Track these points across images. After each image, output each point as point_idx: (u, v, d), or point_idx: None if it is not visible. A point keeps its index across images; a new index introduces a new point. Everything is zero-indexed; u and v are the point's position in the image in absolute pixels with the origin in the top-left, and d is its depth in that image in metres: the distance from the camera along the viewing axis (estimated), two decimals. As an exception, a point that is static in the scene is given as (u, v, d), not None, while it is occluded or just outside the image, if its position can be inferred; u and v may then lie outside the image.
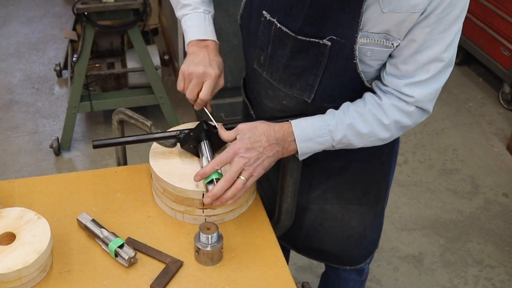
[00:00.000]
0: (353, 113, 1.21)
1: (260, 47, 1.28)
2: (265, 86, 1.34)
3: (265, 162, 1.18)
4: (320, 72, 1.22)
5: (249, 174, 1.17)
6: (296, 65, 1.23)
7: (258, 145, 1.18)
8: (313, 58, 1.20)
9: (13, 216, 1.17)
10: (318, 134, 1.21)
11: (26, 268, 1.08)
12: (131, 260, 1.16)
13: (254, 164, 1.17)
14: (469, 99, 3.52)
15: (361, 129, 1.21)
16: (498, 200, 2.78)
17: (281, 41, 1.22)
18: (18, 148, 3.02)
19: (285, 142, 1.21)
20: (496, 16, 3.34)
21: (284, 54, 1.23)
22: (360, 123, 1.21)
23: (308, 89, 1.26)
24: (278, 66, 1.26)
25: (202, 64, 1.27)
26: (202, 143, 1.27)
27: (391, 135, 1.23)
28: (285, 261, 1.20)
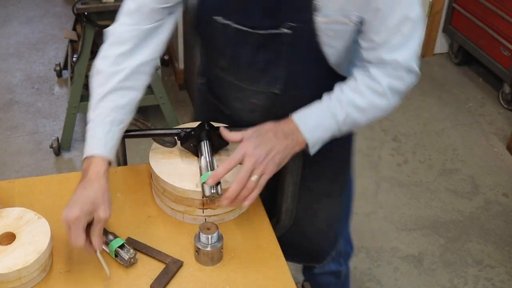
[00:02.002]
0: (348, 91, 1.21)
1: (220, 53, 1.28)
2: (231, 89, 1.34)
3: (276, 158, 1.16)
4: (285, 62, 1.23)
5: (261, 172, 1.14)
6: (260, 61, 1.24)
7: (266, 141, 1.16)
8: (275, 49, 1.21)
9: (13, 216, 1.17)
10: (322, 118, 1.21)
11: (26, 268, 1.08)
12: (131, 260, 1.16)
13: (264, 161, 1.15)
14: (469, 99, 3.52)
15: (360, 104, 1.21)
16: (498, 200, 2.78)
17: (241, 41, 1.22)
18: (18, 148, 3.02)
19: (293, 135, 1.19)
20: (496, 16, 3.34)
21: (246, 53, 1.23)
22: (357, 98, 1.21)
23: (275, 82, 1.27)
24: (242, 66, 1.27)
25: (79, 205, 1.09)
26: (203, 143, 1.27)
27: (389, 102, 1.23)
28: (285, 261, 1.21)
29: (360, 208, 2.70)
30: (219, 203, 1.25)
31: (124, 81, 1.21)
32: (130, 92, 1.23)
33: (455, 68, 3.82)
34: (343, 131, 1.24)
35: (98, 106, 1.20)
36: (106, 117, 1.19)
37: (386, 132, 3.21)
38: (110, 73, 1.20)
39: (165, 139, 1.33)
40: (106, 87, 1.19)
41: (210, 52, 1.32)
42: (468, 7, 3.57)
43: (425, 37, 3.86)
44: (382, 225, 2.61)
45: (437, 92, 3.58)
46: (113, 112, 1.19)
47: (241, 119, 1.38)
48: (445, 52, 3.96)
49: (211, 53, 1.32)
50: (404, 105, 3.43)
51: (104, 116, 1.19)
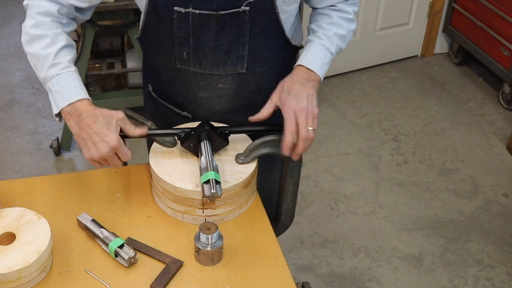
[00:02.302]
0: (329, 26, 1.36)
1: (180, 44, 1.30)
2: (195, 80, 1.36)
3: (314, 101, 1.25)
4: (247, 39, 1.29)
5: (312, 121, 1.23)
6: (223, 43, 1.28)
7: (300, 93, 1.24)
8: (237, 28, 1.27)
9: (13, 216, 1.17)
10: (323, 56, 1.33)
11: (26, 268, 1.08)
12: (131, 260, 1.16)
13: (310, 108, 1.23)
14: (469, 99, 3.52)
15: (341, 33, 1.37)
16: (498, 200, 2.78)
17: (203, 26, 1.26)
18: (18, 148, 3.02)
19: (311, 76, 1.30)
20: (496, 16, 3.34)
21: (210, 37, 1.27)
22: (338, 29, 1.37)
23: (240, 61, 1.32)
24: (205, 52, 1.30)
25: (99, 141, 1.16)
26: (202, 143, 1.27)
27: (356, 24, 1.43)
28: (285, 261, 1.20)
29: (360, 208, 2.70)
30: (219, 203, 1.25)
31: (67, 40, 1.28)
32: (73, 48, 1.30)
33: (455, 68, 3.82)
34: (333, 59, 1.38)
35: (56, 63, 1.23)
36: (70, 68, 1.24)
37: (386, 132, 3.21)
38: (54, 35, 1.25)
39: (165, 139, 1.33)
40: (57, 46, 1.24)
41: (168, 47, 1.32)
42: (468, 7, 3.57)
43: (425, 37, 3.86)
44: (382, 225, 2.61)
45: (437, 92, 3.58)
46: (71, 64, 1.25)
47: (209, 108, 1.41)
48: (445, 52, 3.96)
49: (171, 48, 1.32)
50: (404, 105, 3.43)
51: (68, 68, 1.23)
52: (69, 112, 1.20)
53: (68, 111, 1.20)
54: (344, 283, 2.33)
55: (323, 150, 3.06)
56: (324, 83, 3.60)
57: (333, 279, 2.35)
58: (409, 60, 3.90)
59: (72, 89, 1.22)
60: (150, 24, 1.31)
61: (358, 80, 3.67)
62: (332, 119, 3.30)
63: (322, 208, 2.69)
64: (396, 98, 3.50)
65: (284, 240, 2.43)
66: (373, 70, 3.77)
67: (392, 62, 3.85)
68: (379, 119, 3.31)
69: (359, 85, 3.62)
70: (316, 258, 2.44)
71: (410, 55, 3.91)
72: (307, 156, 2.97)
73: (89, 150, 1.18)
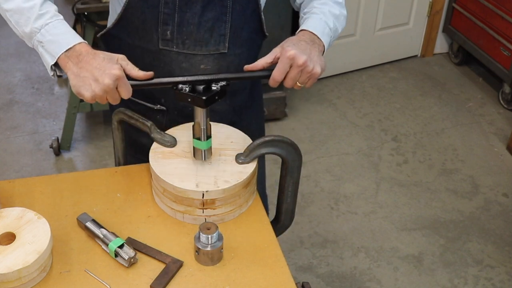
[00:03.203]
0: (322, 6, 1.37)
1: (164, 22, 1.31)
2: (177, 62, 1.36)
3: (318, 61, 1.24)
4: (229, 17, 1.31)
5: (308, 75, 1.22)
6: (207, 19, 1.31)
7: (305, 49, 1.23)
8: (220, 5, 1.30)
9: (13, 216, 1.17)
10: (322, 27, 1.33)
11: (26, 268, 1.08)
12: (131, 260, 1.16)
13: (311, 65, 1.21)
14: (469, 99, 3.52)
15: (335, 12, 1.37)
16: (498, 200, 2.78)
17: (190, 1, 1.28)
18: (18, 148, 3.02)
19: (316, 40, 1.29)
20: (496, 16, 3.34)
21: (195, 13, 1.29)
22: (331, 8, 1.37)
23: (222, 40, 1.34)
24: (189, 30, 1.31)
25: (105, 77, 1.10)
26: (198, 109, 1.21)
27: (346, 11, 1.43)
28: (285, 261, 1.20)
29: (360, 208, 2.70)
30: (219, 203, 1.25)
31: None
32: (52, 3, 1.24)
33: (455, 68, 3.82)
34: (330, 43, 1.36)
35: (43, 13, 1.17)
36: (58, 16, 1.20)
37: (386, 132, 3.21)
38: None
39: (165, 139, 1.33)
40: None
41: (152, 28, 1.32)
42: (468, 7, 3.57)
43: (425, 37, 3.86)
44: (382, 225, 2.61)
45: (437, 92, 3.58)
46: (58, 13, 1.21)
47: None
48: (445, 52, 3.96)
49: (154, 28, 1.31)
50: (404, 105, 3.43)
51: (57, 17, 1.19)
52: (67, 55, 1.13)
53: (67, 55, 1.14)
54: (344, 283, 2.33)
55: (323, 150, 3.06)
56: (324, 83, 3.61)
57: (333, 279, 2.35)
58: (409, 60, 3.90)
59: (67, 35, 1.16)
60: (135, 3, 1.30)
61: (358, 80, 3.67)
62: (332, 119, 3.30)
63: (322, 208, 2.69)
64: (396, 98, 3.50)
65: (284, 240, 2.43)
66: (373, 70, 3.77)
67: (392, 62, 3.85)
68: (379, 119, 3.31)
69: (359, 85, 3.62)
70: (316, 258, 2.44)
71: (410, 55, 3.91)
72: (307, 156, 2.98)
73: (91, 86, 1.10)
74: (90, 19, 2.69)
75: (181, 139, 1.35)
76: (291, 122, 3.26)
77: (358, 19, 3.54)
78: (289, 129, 3.21)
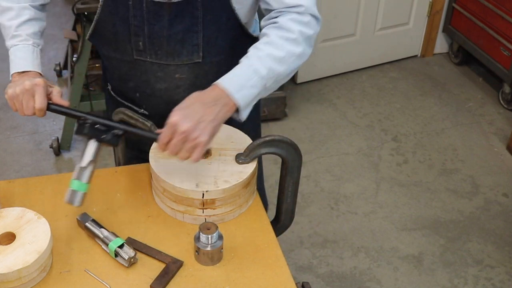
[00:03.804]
0: (264, 46, 1.22)
1: (136, 34, 1.30)
2: (152, 71, 1.36)
3: (207, 128, 1.12)
4: (200, 27, 1.28)
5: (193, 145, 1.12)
6: (177, 32, 1.28)
7: (194, 113, 1.12)
8: (190, 16, 1.26)
9: (13, 216, 1.17)
10: (246, 77, 1.19)
11: (26, 268, 1.08)
12: (131, 260, 1.16)
13: (195, 133, 1.11)
14: (469, 99, 3.52)
15: (278, 54, 1.21)
16: (498, 200, 2.78)
17: (157, 14, 1.26)
18: (18, 148, 3.02)
19: (222, 99, 1.16)
20: (496, 16, 3.34)
21: (164, 26, 1.27)
22: (274, 49, 1.21)
23: (195, 50, 1.32)
24: (160, 42, 1.30)
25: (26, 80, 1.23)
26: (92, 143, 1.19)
27: (303, 48, 1.25)
28: (285, 261, 1.21)
29: (360, 208, 2.70)
30: (219, 203, 1.25)
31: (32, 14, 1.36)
32: (39, 21, 1.38)
33: (455, 68, 3.82)
34: (269, 87, 1.23)
35: (16, 34, 1.34)
36: (27, 41, 1.34)
37: (386, 132, 3.21)
38: (19, 8, 1.35)
39: (165, 139, 1.33)
40: (19, 19, 1.34)
41: (125, 38, 1.32)
42: (468, 7, 3.57)
43: (425, 37, 3.86)
44: (382, 225, 2.61)
45: (437, 92, 3.58)
46: (31, 37, 1.35)
47: (168, 99, 1.39)
48: (445, 52, 3.96)
49: (127, 39, 1.32)
50: (404, 105, 3.43)
51: (26, 41, 1.34)
52: (19, 75, 1.30)
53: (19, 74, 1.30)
54: (344, 283, 2.33)
55: (323, 150, 3.06)
56: (324, 83, 3.61)
57: (333, 279, 2.35)
58: (409, 60, 3.90)
59: (22, 60, 1.31)
60: (106, 14, 1.31)
61: (358, 80, 3.67)
62: (332, 119, 3.30)
63: (322, 208, 2.69)
64: (396, 98, 3.50)
65: (284, 240, 2.43)
66: (373, 70, 3.77)
67: (392, 62, 3.85)
68: (379, 119, 3.31)
69: (359, 85, 3.62)
70: (316, 258, 2.44)
71: (410, 55, 3.91)
72: (307, 156, 2.98)
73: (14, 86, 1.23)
74: (90, 19, 2.69)
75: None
76: (291, 122, 3.26)
77: (358, 19, 3.54)
78: (289, 129, 3.21)
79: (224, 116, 1.17)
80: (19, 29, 1.33)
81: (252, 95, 1.20)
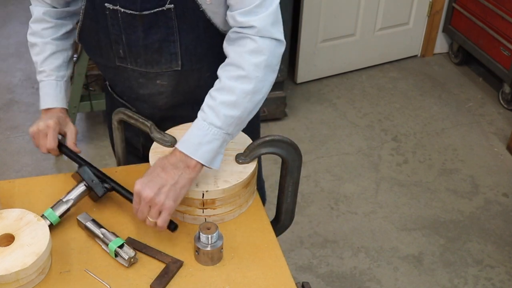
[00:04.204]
0: (216, 93, 1.19)
1: (116, 41, 1.31)
2: (134, 77, 1.37)
3: (170, 193, 1.15)
4: (177, 37, 1.27)
5: (158, 209, 1.15)
6: (153, 42, 1.28)
7: (155, 179, 1.15)
8: (165, 26, 1.26)
9: (13, 218, 1.17)
10: (202, 134, 1.18)
11: (24, 270, 1.07)
12: (131, 260, 1.16)
13: (158, 198, 1.14)
14: (469, 99, 3.52)
15: (230, 99, 1.18)
16: (498, 200, 2.78)
17: (131, 25, 1.26)
18: (18, 148, 3.02)
19: (182, 162, 1.17)
20: (496, 16, 3.34)
21: (139, 36, 1.27)
22: (225, 95, 1.18)
23: (173, 58, 1.31)
24: (138, 51, 1.30)
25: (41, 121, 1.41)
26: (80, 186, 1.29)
27: (259, 82, 1.19)
28: (285, 261, 1.20)
29: (360, 208, 2.70)
30: (219, 203, 1.25)
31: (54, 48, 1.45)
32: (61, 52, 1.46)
33: (455, 68, 3.82)
34: (233, 132, 1.21)
35: (41, 70, 1.45)
36: (51, 77, 1.45)
37: (386, 132, 3.21)
38: (43, 43, 1.44)
39: (165, 139, 1.33)
40: (43, 55, 1.44)
41: (107, 45, 1.34)
42: (468, 7, 3.57)
43: (425, 37, 3.86)
44: (382, 225, 2.61)
45: (437, 92, 3.58)
46: (55, 71, 1.45)
47: (153, 104, 1.42)
48: (445, 52, 3.96)
49: (109, 46, 1.33)
50: (404, 105, 3.43)
51: (49, 77, 1.45)
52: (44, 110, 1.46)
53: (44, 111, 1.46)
54: (344, 283, 2.33)
55: (323, 150, 3.06)
56: (324, 83, 3.61)
57: (333, 279, 2.35)
58: (409, 60, 3.90)
59: (46, 97, 1.46)
60: (88, 22, 1.32)
61: (358, 80, 3.67)
62: (332, 119, 3.30)
63: (322, 208, 2.69)
64: (396, 98, 3.50)
65: (284, 240, 2.43)
66: (373, 70, 3.77)
67: (392, 62, 3.85)
68: (379, 119, 3.31)
69: (359, 85, 3.62)
70: (316, 258, 2.44)
71: (410, 55, 3.91)
72: (307, 156, 2.98)
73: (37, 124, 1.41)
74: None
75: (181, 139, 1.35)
76: (291, 122, 3.26)
77: (358, 19, 3.54)
78: (289, 129, 3.21)
79: (188, 177, 1.17)
80: (43, 65, 1.44)
81: (213, 149, 1.18)
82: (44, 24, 1.42)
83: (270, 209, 1.80)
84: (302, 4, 3.26)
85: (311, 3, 3.27)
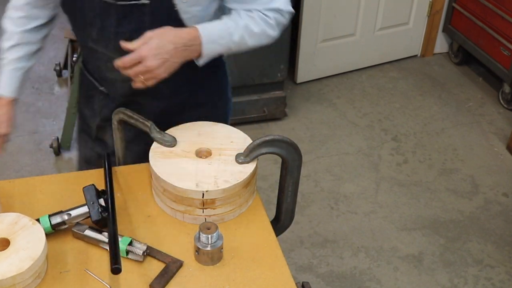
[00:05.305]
0: (245, 16, 1.32)
1: (90, 24, 1.34)
2: (103, 60, 1.41)
3: (170, 67, 1.24)
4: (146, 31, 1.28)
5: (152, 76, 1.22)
6: (124, 31, 1.31)
7: (165, 53, 1.22)
8: (137, 20, 1.29)
9: (8, 222, 1.15)
10: (220, 35, 1.29)
11: (20, 275, 1.06)
12: (145, 254, 1.16)
13: (158, 70, 1.22)
14: (469, 99, 3.52)
15: (254, 30, 1.32)
16: (498, 200, 2.78)
17: (106, 12, 1.30)
18: (18, 148, 3.02)
19: (193, 46, 1.26)
20: (496, 16, 3.34)
21: (112, 24, 1.31)
22: (252, 24, 1.32)
23: None
24: (109, 37, 1.34)
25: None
26: None
27: (275, 33, 1.37)
28: (285, 261, 1.20)
29: (360, 208, 2.70)
30: (219, 203, 1.25)
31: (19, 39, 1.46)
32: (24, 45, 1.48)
33: (455, 68, 3.82)
34: (232, 50, 1.34)
35: (4, 57, 1.46)
36: (9, 65, 1.46)
37: (386, 132, 3.21)
38: (12, 32, 1.46)
39: (165, 139, 1.33)
40: (8, 43, 1.46)
41: (82, 25, 1.37)
42: (468, 7, 3.57)
43: (425, 36, 3.86)
44: (382, 225, 2.61)
45: (437, 92, 3.58)
46: (14, 62, 1.46)
47: (116, 90, 1.47)
48: (445, 52, 3.96)
49: (83, 26, 1.37)
50: (404, 105, 3.43)
51: (7, 65, 1.46)
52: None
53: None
54: (344, 283, 2.33)
55: (323, 150, 3.06)
56: (324, 83, 3.61)
57: (333, 279, 2.35)
58: (409, 60, 3.90)
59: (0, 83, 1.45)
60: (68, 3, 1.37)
61: (358, 80, 3.67)
62: (332, 119, 3.30)
63: (322, 208, 2.69)
64: (396, 98, 3.50)
65: (284, 240, 2.43)
66: (373, 70, 3.77)
67: (392, 62, 3.85)
68: (379, 119, 3.31)
69: (359, 85, 3.62)
70: (316, 258, 2.44)
71: (410, 54, 3.91)
72: (307, 156, 2.98)
73: None
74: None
75: (180, 139, 1.35)
76: (291, 122, 3.26)
77: (358, 19, 3.54)
78: (289, 129, 3.21)
79: (188, 58, 1.27)
80: (6, 53, 1.46)
81: (217, 51, 1.32)
82: (20, 13, 1.45)
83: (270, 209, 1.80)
84: (302, 4, 3.26)
85: (311, 3, 3.27)
